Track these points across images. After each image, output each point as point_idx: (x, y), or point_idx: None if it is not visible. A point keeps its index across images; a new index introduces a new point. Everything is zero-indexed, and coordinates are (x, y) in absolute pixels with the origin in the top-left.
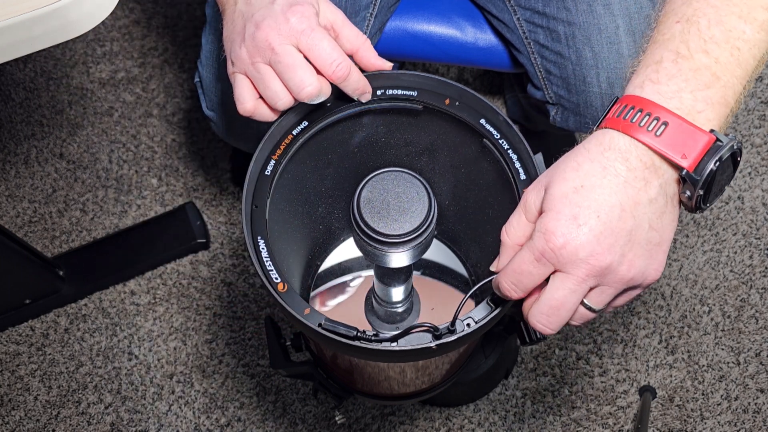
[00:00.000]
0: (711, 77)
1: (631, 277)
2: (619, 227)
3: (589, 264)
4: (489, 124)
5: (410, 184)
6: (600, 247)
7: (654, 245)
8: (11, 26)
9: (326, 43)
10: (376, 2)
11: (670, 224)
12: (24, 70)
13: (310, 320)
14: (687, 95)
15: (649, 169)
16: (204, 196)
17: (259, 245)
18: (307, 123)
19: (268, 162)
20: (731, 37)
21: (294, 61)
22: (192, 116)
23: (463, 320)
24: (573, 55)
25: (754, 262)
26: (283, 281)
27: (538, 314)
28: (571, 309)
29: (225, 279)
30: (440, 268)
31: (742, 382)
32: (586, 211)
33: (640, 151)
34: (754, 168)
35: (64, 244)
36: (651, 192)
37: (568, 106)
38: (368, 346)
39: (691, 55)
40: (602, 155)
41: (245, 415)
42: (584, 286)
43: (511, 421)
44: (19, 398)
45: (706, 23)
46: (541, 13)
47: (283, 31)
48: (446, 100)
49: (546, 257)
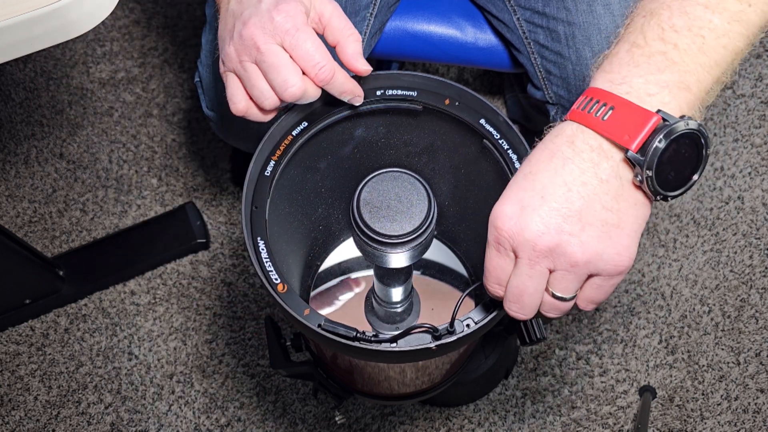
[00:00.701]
0: (665, 61)
1: (587, 260)
2: (566, 207)
3: (536, 244)
4: (489, 124)
5: (410, 184)
6: (545, 226)
7: (612, 226)
8: (11, 26)
9: (310, 43)
10: (376, 2)
11: (631, 208)
12: (24, 70)
13: (309, 321)
14: (637, 79)
15: (596, 152)
16: (204, 196)
17: (258, 246)
18: (306, 124)
19: (268, 162)
20: (694, 26)
21: (278, 61)
22: (192, 116)
23: (462, 321)
24: (573, 55)
25: (754, 262)
26: (282, 282)
27: (507, 302)
28: (534, 294)
29: (225, 279)
30: (440, 269)
31: (742, 382)
32: (530, 192)
33: (587, 135)
34: (754, 168)
35: (64, 244)
36: (601, 173)
37: (568, 106)
38: (368, 347)
39: (646, 43)
40: (551, 142)
41: (245, 415)
42: (538, 268)
43: (511, 421)
44: (19, 398)
45: (668, 15)
46: (540, 13)
47: (268, 30)
48: (446, 100)
49: (501, 244)
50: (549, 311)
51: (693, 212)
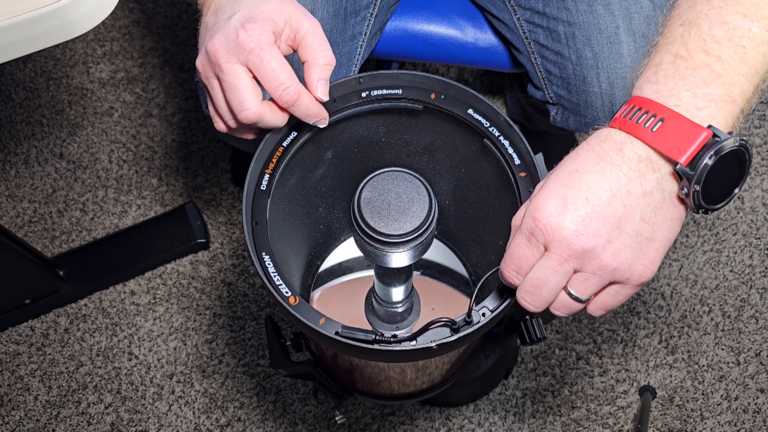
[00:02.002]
0: (711, 74)
1: (615, 267)
2: (608, 213)
3: (572, 244)
4: (477, 113)
5: (411, 184)
6: (585, 228)
7: (645, 239)
8: (11, 26)
9: (275, 63)
10: (376, 2)
11: (667, 222)
12: (24, 70)
13: (326, 330)
14: (685, 93)
15: (643, 162)
16: (204, 196)
17: (264, 261)
18: (296, 133)
19: (263, 177)
20: (735, 36)
21: (237, 82)
22: (192, 116)
23: (478, 311)
24: (573, 55)
25: (754, 262)
26: (293, 294)
27: (522, 291)
28: (553, 289)
29: (225, 279)
30: (440, 268)
31: (742, 382)
32: (575, 191)
33: (635, 145)
34: (754, 168)
35: (64, 244)
36: (646, 185)
37: (568, 106)
38: (389, 348)
39: (690, 55)
40: (599, 146)
41: (245, 415)
42: (566, 266)
43: (511, 421)
44: (19, 398)
45: (707, 24)
46: (541, 13)
47: (232, 49)
48: (432, 95)
49: (535, 236)
50: (559, 309)
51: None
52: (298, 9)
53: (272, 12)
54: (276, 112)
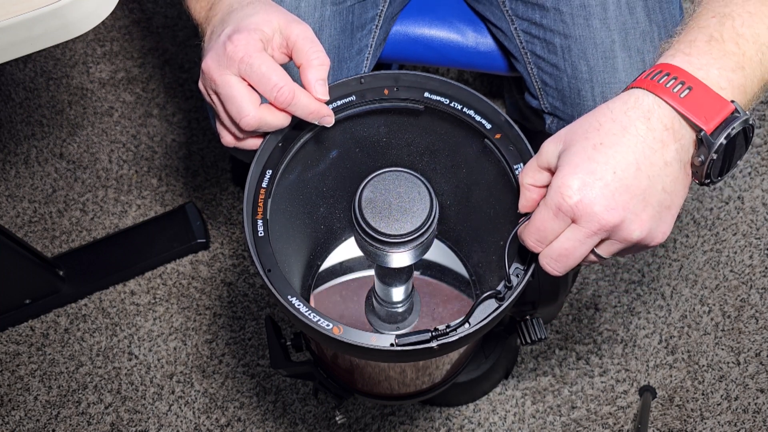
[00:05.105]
0: (737, 65)
1: (640, 237)
2: (635, 185)
3: (603, 218)
4: (434, 94)
5: (412, 184)
6: (614, 202)
7: (665, 208)
8: (11, 26)
9: (265, 66)
10: (381, 15)
11: (682, 190)
12: (24, 70)
13: (380, 344)
14: (714, 71)
15: (668, 131)
16: (204, 196)
17: (294, 304)
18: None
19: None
20: (758, 41)
21: (231, 92)
22: (192, 116)
23: (512, 273)
24: (568, 67)
25: (754, 262)
26: (335, 325)
27: (548, 257)
28: (579, 258)
29: (225, 279)
30: (441, 269)
31: (742, 382)
32: (603, 166)
33: (663, 112)
34: (754, 168)
35: (64, 244)
36: (667, 155)
37: (563, 116)
38: (449, 340)
39: (723, 41)
40: (625, 114)
41: (245, 415)
42: (595, 239)
43: (511, 421)
44: (19, 398)
45: (740, 22)
46: (538, 24)
47: (222, 62)
48: (385, 90)
49: (563, 211)
50: (576, 262)
51: (693, 212)
52: (286, 16)
53: (259, 22)
54: (276, 113)
